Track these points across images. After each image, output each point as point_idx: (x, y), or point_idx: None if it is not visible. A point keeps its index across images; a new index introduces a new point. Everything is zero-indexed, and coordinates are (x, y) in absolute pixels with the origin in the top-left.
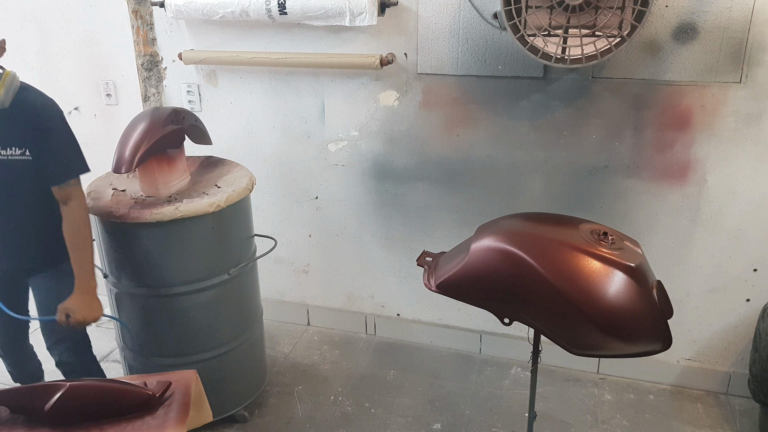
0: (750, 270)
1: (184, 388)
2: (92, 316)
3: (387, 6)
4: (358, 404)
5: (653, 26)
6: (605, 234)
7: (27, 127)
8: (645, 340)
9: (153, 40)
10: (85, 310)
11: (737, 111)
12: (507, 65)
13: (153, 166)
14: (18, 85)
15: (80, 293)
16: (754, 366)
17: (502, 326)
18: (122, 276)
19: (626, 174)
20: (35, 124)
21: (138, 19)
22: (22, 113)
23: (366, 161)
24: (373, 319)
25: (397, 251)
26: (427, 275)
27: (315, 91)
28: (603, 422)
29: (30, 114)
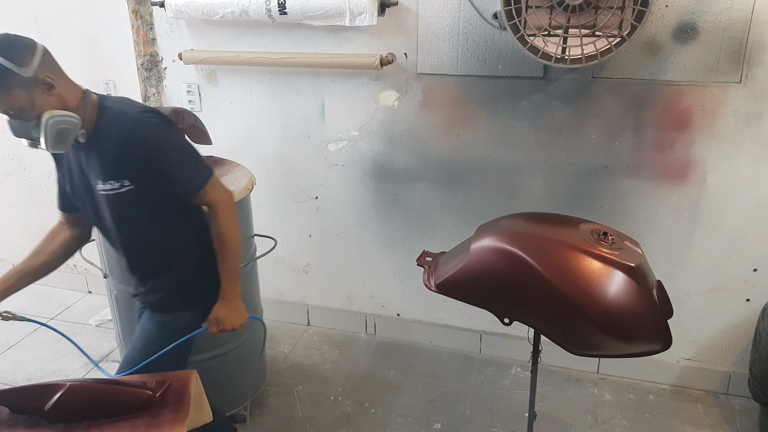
0: (750, 270)
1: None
2: (240, 321)
3: (387, 6)
4: (358, 404)
5: (653, 26)
6: (605, 234)
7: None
8: (645, 340)
9: (153, 40)
10: (234, 317)
11: (737, 111)
12: (507, 65)
13: None
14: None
15: (227, 300)
16: (754, 366)
17: (502, 326)
18: (122, 276)
19: (626, 174)
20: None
21: (138, 19)
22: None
23: (366, 161)
24: (373, 319)
25: (397, 251)
26: (427, 275)
27: (315, 91)
28: (603, 422)
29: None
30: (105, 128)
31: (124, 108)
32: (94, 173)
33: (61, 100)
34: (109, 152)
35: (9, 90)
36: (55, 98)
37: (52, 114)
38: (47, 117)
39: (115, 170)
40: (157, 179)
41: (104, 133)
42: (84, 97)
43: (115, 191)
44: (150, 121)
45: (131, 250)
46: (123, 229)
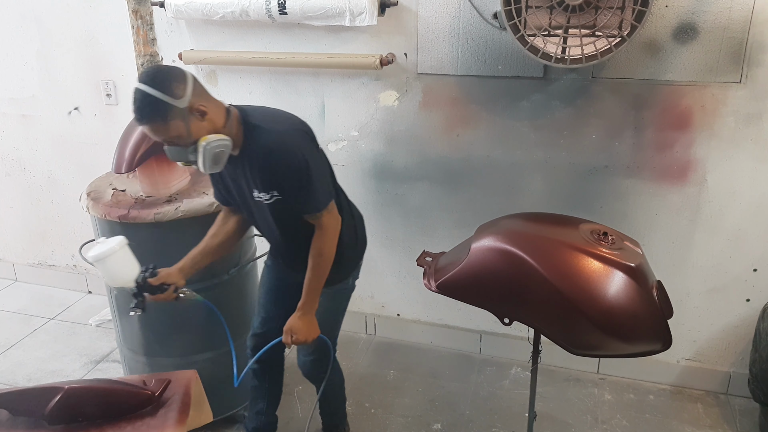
0: (750, 270)
1: (184, 388)
2: (312, 336)
3: (387, 6)
4: (358, 404)
5: (653, 26)
6: (605, 234)
7: (267, 172)
8: (645, 340)
9: (153, 40)
10: (307, 330)
11: (737, 111)
12: (507, 65)
13: (153, 166)
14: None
15: (304, 314)
16: (754, 366)
17: (502, 326)
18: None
19: (626, 174)
20: (271, 170)
21: (138, 19)
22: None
23: (366, 161)
24: (373, 319)
25: (397, 251)
26: (427, 275)
27: (315, 91)
28: (603, 422)
29: (265, 159)
30: (252, 144)
31: (267, 124)
32: (246, 182)
33: (212, 124)
34: (257, 167)
35: (167, 122)
36: (208, 123)
37: (208, 140)
38: (204, 144)
39: (264, 183)
40: (293, 195)
41: (252, 149)
42: (228, 116)
43: (267, 201)
44: (292, 141)
45: (291, 244)
46: (280, 227)
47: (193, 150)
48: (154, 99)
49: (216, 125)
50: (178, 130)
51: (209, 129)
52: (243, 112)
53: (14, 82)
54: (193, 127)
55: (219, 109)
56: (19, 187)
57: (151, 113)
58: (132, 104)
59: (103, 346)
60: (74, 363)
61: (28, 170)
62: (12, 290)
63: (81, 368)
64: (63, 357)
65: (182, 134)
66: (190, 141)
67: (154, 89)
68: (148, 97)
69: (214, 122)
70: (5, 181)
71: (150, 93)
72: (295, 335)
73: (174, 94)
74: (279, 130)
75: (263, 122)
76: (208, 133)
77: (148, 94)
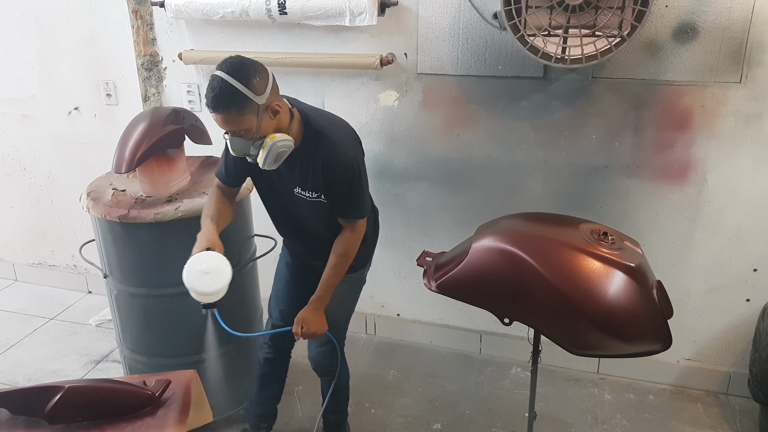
0: (750, 270)
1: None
2: (322, 330)
3: (387, 6)
4: (358, 404)
5: (653, 26)
6: (605, 234)
7: (319, 177)
8: (645, 340)
9: (153, 40)
10: (317, 324)
11: (737, 111)
12: (507, 65)
13: (153, 166)
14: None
15: (317, 308)
16: (754, 366)
17: (502, 326)
18: (122, 276)
19: (626, 174)
20: (326, 177)
21: (138, 19)
22: (317, 163)
23: (366, 161)
24: (373, 319)
25: (397, 251)
26: (427, 275)
27: (315, 91)
28: (603, 422)
29: (323, 165)
30: (310, 148)
31: (329, 132)
32: (292, 179)
33: (279, 123)
34: (311, 171)
35: (243, 114)
36: (276, 122)
37: (275, 140)
38: (271, 143)
39: (315, 185)
40: (339, 201)
41: (309, 152)
42: (292, 117)
43: (312, 199)
44: (352, 153)
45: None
46: (312, 221)
47: (258, 145)
48: (235, 90)
49: (282, 125)
50: (250, 124)
51: (276, 127)
52: (305, 115)
53: (14, 82)
54: (264, 123)
55: (287, 109)
56: (19, 187)
57: (229, 103)
58: (208, 91)
59: (103, 346)
60: (74, 363)
61: (28, 170)
62: (12, 290)
63: (81, 368)
64: (63, 357)
65: (252, 129)
66: (257, 136)
67: (238, 81)
68: (230, 87)
69: (281, 121)
70: (5, 181)
71: (232, 84)
72: (306, 326)
73: (256, 90)
74: (341, 140)
75: (325, 129)
76: (274, 130)
77: (230, 85)
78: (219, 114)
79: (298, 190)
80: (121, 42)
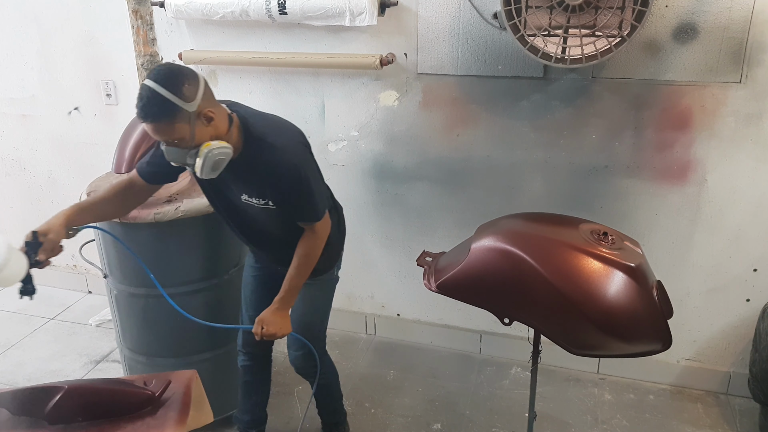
0: (750, 270)
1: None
2: (283, 332)
3: (387, 6)
4: (358, 404)
5: (653, 26)
6: (605, 234)
7: (265, 184)
8: (645, 340)
9: (153, 40)
10: (279, 325)
11: (737, 111)
12: (507, 65)
13: None
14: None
15: (279, 309)
16: (754, 366)
17: (502, 326)
18: (122, 276)
19: (626, 174)
20: (271, 184)
21: (138, 19)
22: (260, 170)
23: (366, 161)
24: (373, 319)
25: (397, 251)
26: (427, 275)
27: (315, 91)
28: (603, 422)
29: (266, 173)
30: (252, 155)
31: (270, 137)
32: (237, 187)
33: (216, 129)
34: (255, 177)
35: (173, 123)
36: (212, 128)
37: (211, 147)
38: (206, 150)
39: (261, 192)
40: (289, 207)
41: (252, 159)
42: (230, 122)
43: (260, 206)
44: (295, 158)
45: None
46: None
47: (194, 154)
48: (164, 99)
49: (219, 131)
50: (183, 132)
51: (212, 134)
52: (244, 121)
53: (14, 82)
54: (198, 131)
55: (223, 115)
56: (19, 187)
57: (158, 113)
58: (137, 100)
59: (103, 346)
60: (74, 363)
61: (28, 170)
62: (12, 290)
63: (81, 368)
64: (63, 357)
65: (185, 137)
66: (192, 144)
67: (166, 89)
68: (158, 97)
69: (218, 128)
70: (5, 181)
71: (160, 93)
72: (266, 327)
73: (185, 97)
74: (282, 145)
75: (266, 135)
76: (210, 138)
77: (158, 94)
78: (149, 124)
79: (245, 197)
80: (121, 42)
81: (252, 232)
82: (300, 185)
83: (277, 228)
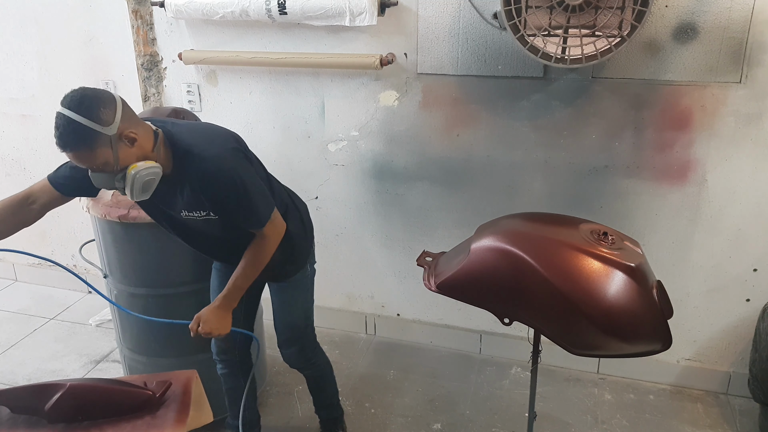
0: (750, 270)
1: (184, 388)
2: (220, 330)
3: (387, 6)
4: (358, 404)
5: (653, 26)
6: (605, 234)
7: (200, 196)
8: (645, 340)
9: (153, 40)
10: (217, 324)
11: (737, 111)
12: (507, 65)
13: None
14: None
15: (219, 307)
16: (754, 366)
17: (502, 326)
18: (122, 276)
19: (626, 174)
20: (206, 195)
21: (138, 19)
22: (193, 184)
23: (366, 161)
24: (373, 319)
25: (397, 251)
26: (427, 275)
27: (315, 91)
28: (603, 422)
29: (199, 185)
30: (183, 170)
31: (198, 149)
32: (175, 202)
33: (141, 150)
34: (189, 192)
35: (93, 150)
36: (136, 149)
37: (137, 169)
38: (133, 173)
39: (198, 205)
40: (231, 215)
41: (183, 174)
42: (156, 139)
43: (201, 218)
44: (227, 165)
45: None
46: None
47: (121, 178)
48: (80, 126)
49: (145, 151)
50: (105, 157)
51: (138, 155)
52: (169, 135)
53: (14, 82)
54: (121, 153)
55: (147, 133)
56: (19, 187)
57: (76, 141)
58: (54, 130)
59: (103, 346)
60: (74, 363)
61: (28, 170)
62: (12, 290)
63: (81, 368)
64: (63, 357)
65: (109, 161)
66: (117, 168)
67: (80, 116)
68: (73, 124)
69: (143, 148)
70: (5, 181)
71: (75, 119)
72: (203, 324)
73: (102, 121)
74: (211, 155)
75: (193, 146)
76: (137, 159)
77: (73, 121)
78: (69, 153)
79: (185, 213)
80: (121, 42)
81: (201, 243)
82: (236, 192)
83: (227, 234)
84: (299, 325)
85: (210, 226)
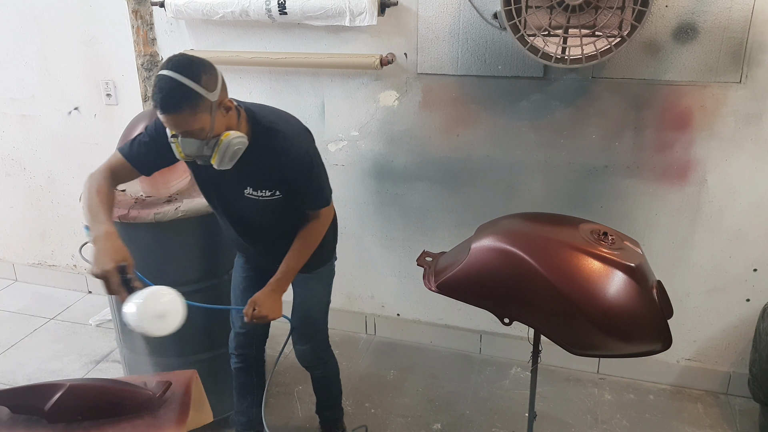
0: (750, 270)
1: (184, 388)
2: (274, 315)
3: (387, 6)
4: (358, 404)
5: (653, 26)
6: (605, 234)
7: (275, 173)
8: (645, 340)
9: (153, 40)
10: (270, 307)
11: (737, 111)
12: (507, 65)
13: None
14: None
15: (273, 291)
16: (754, 366)
17: (502, 326)
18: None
19: (626, 174)
20: (281, 171)
21: (138, 19)
22: (272, 159)
23: (366, 161)
24: (373, 319)
25: (397, 251)
26: (427, 275)
27: (315, 91)
28: (603, 422)
29: (278, 161)
30: (261, 146)
31: (279, 126)
32: (241, 180)
33: (230, 120)
34: (265, 167)
35: (195, 114)
36: (227, 119)
37: (231, 137)
38: (227, 140)
39: (269, 183)
40: (300, 194)
41: (262, 149)
42: (239, 113)
43: (266, 198)
44: (304, 144)
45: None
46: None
47: (213, 144)
48: (187, 89)
49: (232, 122)
50: (203, 122)
51: (228, 125)
52: (251, 113)
53: (14, 82)
54: (217, 121)
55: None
56: (19, 187)
57: (181, 103)
58: (157, 92)
59: (103, 346)
60: (74, 363)
61: (28, 170)
62: (12, 290)
63: (81, 368)
64: (63, 357)
65: (205, 127)
66: (210, 135)
67: (189, 79)
68: (181, 87)
69: (232, 119)
70: (5, 181)
71: (184, 82)
72: (258, 308)
73: (208, 86)
74: (294, 133)
75: (275, 123)
76: (227, 129)
77: (182, 84)
78: (170, 115)
79: (249, 191)
80: (121, 42)
81: (246, 227)
82: (311, 171)
83: (275, 221)
84: (318, 320)
85: (265, 208)
